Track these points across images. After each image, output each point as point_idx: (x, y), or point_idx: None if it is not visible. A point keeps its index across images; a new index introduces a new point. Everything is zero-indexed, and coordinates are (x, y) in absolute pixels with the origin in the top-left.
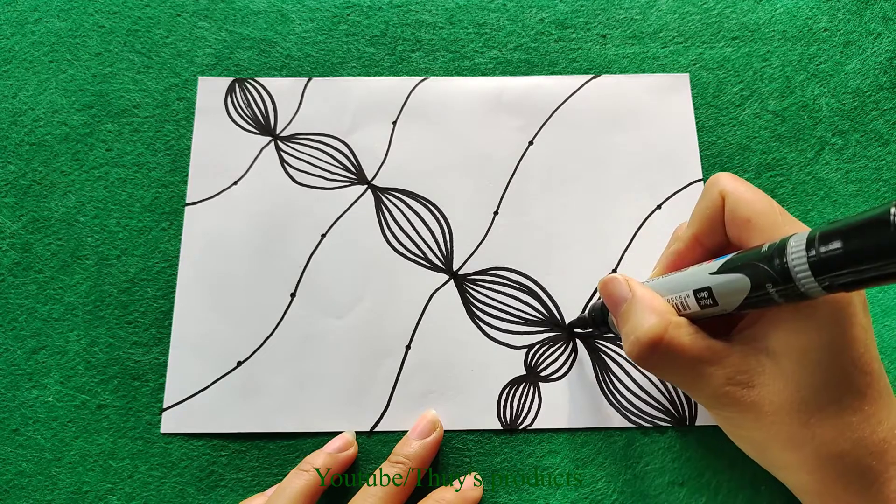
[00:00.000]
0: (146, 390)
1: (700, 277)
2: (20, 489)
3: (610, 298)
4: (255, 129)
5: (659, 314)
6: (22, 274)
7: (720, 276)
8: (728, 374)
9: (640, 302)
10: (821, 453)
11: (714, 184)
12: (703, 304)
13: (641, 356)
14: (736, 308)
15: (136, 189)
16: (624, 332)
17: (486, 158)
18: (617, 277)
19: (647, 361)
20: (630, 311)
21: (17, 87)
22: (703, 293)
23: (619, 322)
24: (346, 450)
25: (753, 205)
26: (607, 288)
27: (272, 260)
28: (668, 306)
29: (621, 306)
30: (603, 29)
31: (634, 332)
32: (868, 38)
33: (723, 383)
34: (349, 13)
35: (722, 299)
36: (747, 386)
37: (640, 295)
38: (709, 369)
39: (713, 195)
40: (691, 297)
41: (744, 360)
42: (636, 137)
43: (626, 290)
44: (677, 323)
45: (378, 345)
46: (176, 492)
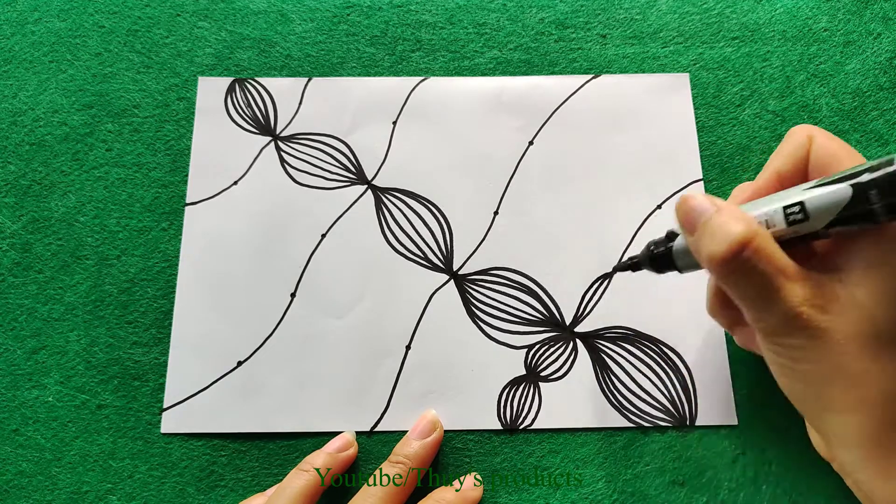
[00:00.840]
0: (146, 390)
1: (790, 194)
2: (20, 489)
3: (690, 213)
4: (255, 129)
5: (746, 222)
6: (22, 274)
7: (817, 189)
8: (807, 294)
9: (727, 212)
10: (885, 391)
11: (799, 129)
12: (791, 220)
13: (726, 259)
14: (826, 224)
15: (136, 189)
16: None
17: (486, 158)
18: (696, 194)
19: (730, 266)
20: (715, 220)
21: (17, 87)
22: (794, 207)
23: (701, 232)
24: (346, 450)
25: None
26: (687, 203)
27: (272, 260)
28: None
29: (703, 217)
30: (603, 29)
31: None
32: (868, 38)
33: (800, 302)
34: (349, 13)
35: (815, 213)
36: (823, 310)
37: (726, 207)
38: (789, 284)
39: (800, 137)
40: (779, 212)
41: (824, 283)
42: (636, 137)
43: (710, 205)
44: (765, 234)
45: (378, 345)
46: (176, 492)
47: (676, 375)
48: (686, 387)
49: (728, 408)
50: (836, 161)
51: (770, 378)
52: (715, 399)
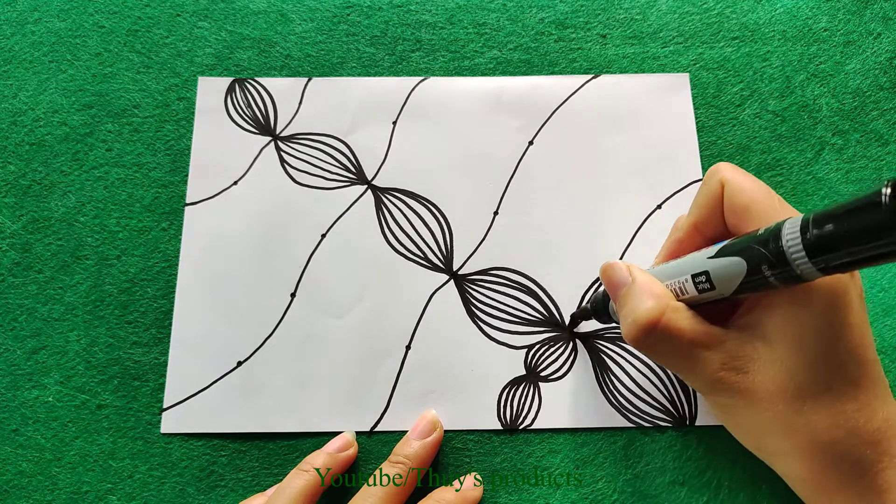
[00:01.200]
0: (146, 390)
1: (698, 262)
2: (20, 489)
3: (610, 283)
4: (255, 129)
5: (657, 298)
6: (22, 274)
7: (717, 260)
8: (723, 359)
9: (639, 286)
10: (814, 441)
11: (714, 173)
12: (700, 289)
13: (638, 338)
14: (733, 292)
15: (136, 189)
16: (622, 315)
17: (486, 158)
18: (618, 263)
19: (643, 344)
20: (629, 295)
21: (17, 87)
22: (700, 277)
23: (618, 305)
24: (346, 450)
25: (752, 193)
26: (608, 273)
27: (272, 260)
28: (667, 291)
29: (621, 290)
30: (603, 29)
31: (632, 313)
32: (868, 38)
33: (718, 368)
34: (349, 13)
35: (719, 283)
36: (742, 371)
37: (640, 279)
38: (704, 353)
39: (713, 184)
40: (689, 281)
41: (739, 345)
42: (636, 137)
43: (627, 275)
44: (675, 307)
45: (378, 345)
46: (176, 492)
47: (676, 375)
48: (686, 387)
49: None
50: (749, 211)
51: None
52: None
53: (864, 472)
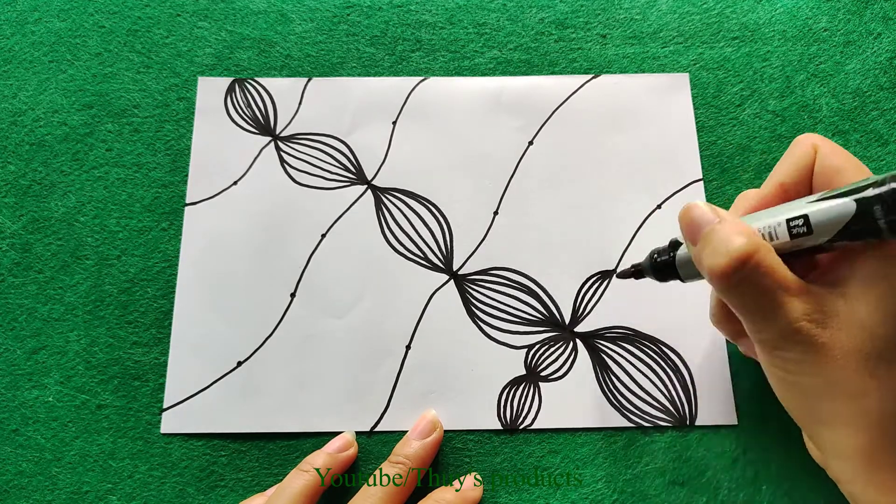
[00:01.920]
0: (146, 390)
1: (794, 207)
2: (20, 489)
3: (692, 223)
4: (255, 129)
5: (749, 235)
6: (22, 274)
7: (821, 203)
8: (806, 308)
9: (729, 224)
10: (881, 407)
11: (805, 138)
12: (794, 233)
13: (727, 272)
14: (829, 239)
15: (136, 189)
16: (708, 252)
17: (486, 158)
18: (700, 203)
19: (731, 279)
20: (716, 232)
21: (17, 87)
22: (797, 220)
23: (703, 243)
24: (346, 450)
25: (846, 157)
26: (690, 213)
27: (272, 260)
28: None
29: (705, 228)
30: (603, 29)
31: (724, 246)
32: (868, 38)
33: (799, 317)
34: (349, 13)
35: (819, 227)
36: (821, 325)
37: (729, 218)
38: (789, 298)
39: (805, 147)
40: (783, 225)
41: (822, 298)
42: (636, 137)
43: (713, 216)
44: (767, 246)
45: (378, 345)
46: (176, 492)
47: (676, 375)
48: (686, 387)
49: (728, 408)
50: (841, 173)
51: None
52: (715, 399)
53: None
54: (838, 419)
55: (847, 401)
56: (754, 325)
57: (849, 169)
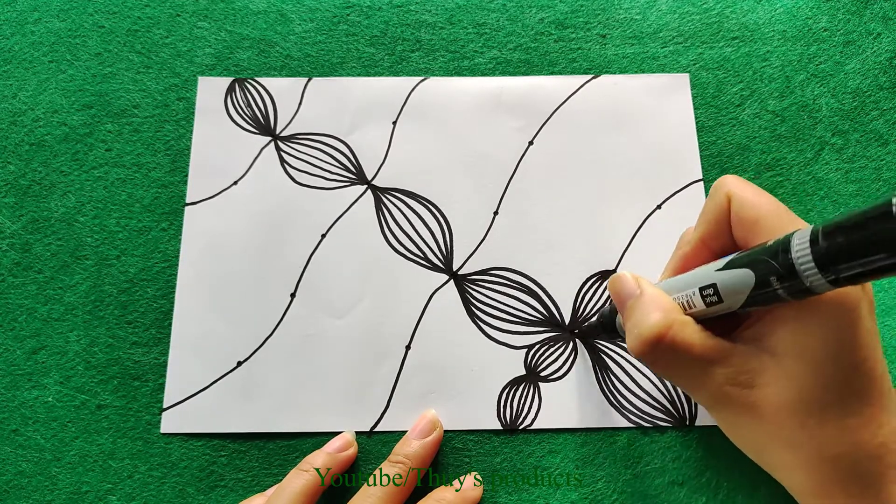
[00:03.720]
0: (146, 390)
1: (706, 275)
2: (20, 489)
3: (618, 295)
4: (254, 129)
5: (664, 311)
6: (22, 274)
7: (725, 272)
8: (729, 373)
9: (647, 298)
10: (820, 454)
11: (720, 186)
12: (708, 302)
13: (644, 352)
14: (741, 305)
15: (135, 189)
16: (628, 328)
17: (486, 158)
18: (626, 274)
19: (649, 358)
20: (635, 307)
21: (16, 88)
22: (708, 290)
23: (625, 318)
24: (345, 450)
25: (760, 206)
26: (615, 284)
27: (272, 260)
28: (675, 304)
29: (628, 302)
30: (603, 29)
31: (639, 326)
32: (868, 38)
33: (723, 382)
34: (349, 13)
35: (727, 296)
36: (748, 386)
37: (648, 292)
38: (710, 368)
39: (719, 197)
40: (697, 294)
41: (746, 359)
42: (636, 137)
43: (635, 287)
44: (682, 321)
45: (378, 345)
46: (176, 492)
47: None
48: None
49: None
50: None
51: None
52: None
53: (869, 485)
54: (783, 465)
55: (787, 451)
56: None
57: (765, 218)
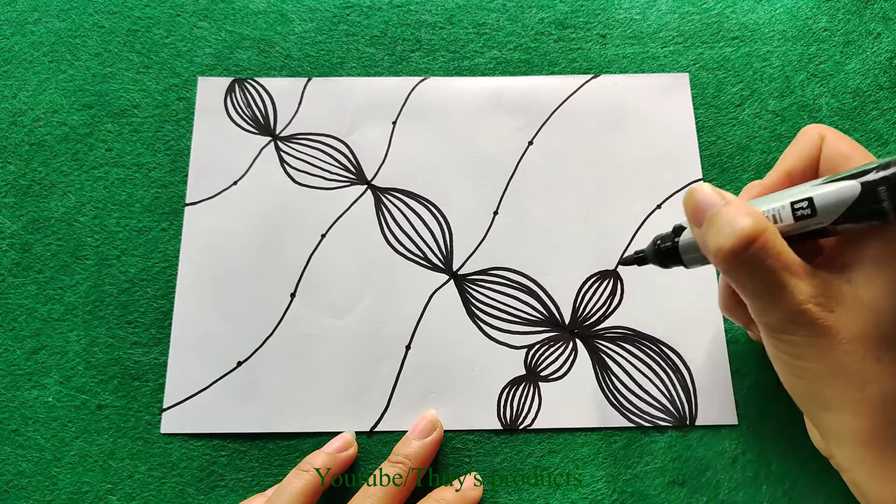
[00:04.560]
0: (146, 390)
1: (799, 190)
2: (20, 489)
3: (698, 206)
4: (254, 129)
5: (755, 216)
6: (22, 274)
7: (826, 186)
8: (813, 291)
9: (735, 205)
10: (886, 392)
11: (811, 128)
12: (798, 216)
13: (733, 252)
14: (833, 221)
15: (135, 189)
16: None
17: (486, 158)
18: (705, 186)
19: (736, 260)
20: (723, 213)
21: (16, 88)
22: (801, 203)
23: (708, 225)
24: (345, 450)
25: (852, 144)
26: (694, 195)
27: (272, 260)
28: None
29: (710, 211)
30: (603, 29)
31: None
32: (868, 38)
33: (806, 299)
34: (349, 13)
35: (823, 209)
36: (828, 308)
37: (734, 201)
38: (795, 281)
39: (811, 135)
40: (787, 208)
41: (827, 282)
42: (636, 137)
43: (718, 198)
44: (773, 228)
45: (378, 345)
46: (176, 492)
47: (676, 375)
48: (686, 387)
49: (728, 408)
50: (848, 161)
51: (770, 378)
52: (715, 399)
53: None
54: (842, 404)
55: (851, 386)
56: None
57: (855, 156)
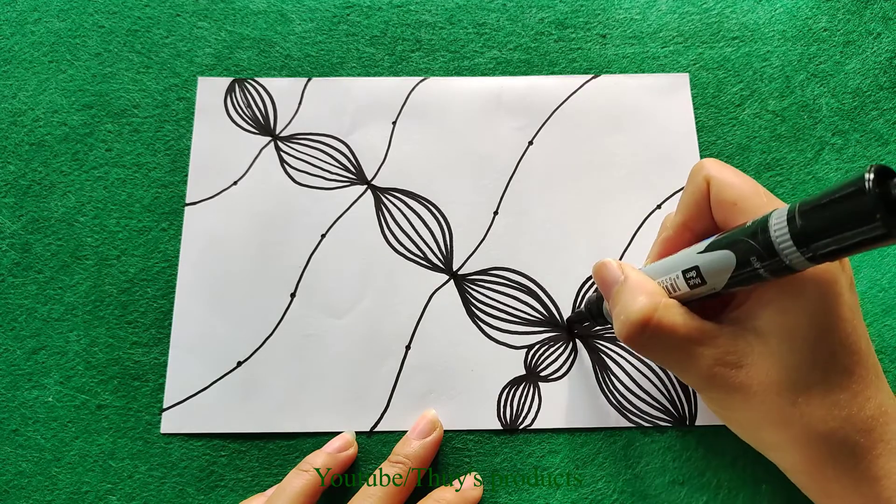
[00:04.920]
0: (146, 390)
1: (688, 258)
2: (20, 489)
3: (603, 282)
4: (254, 129)
5: (649, 295)
6: (22, 274)
7: (706, 255)
8: (717, 354)
9: (631, 283)
10: (809, 431)
11: (699, 170)
12: (692, 284)
13: (631, 336)
14: (724, 286)
15: (135, 189)
16: (615, 314)
17: (486, 158)
18: (610, 261)
19: (636, 342)
20: (621, 293)
21: (16, 88)
22: (691, 272)
23: (611, 304)
24: (345, 450)
25: (738, 188)
26: (600, 272)
27: (272, 260)
28: (659, 288)
29: (613, 288)
30: (603, 29)
31: (625, 311)
32: (868, 38)
33: (712, 364)
34: (349, 13)
35: (709, 277)
36: (736, 366)
37: (632, 277)
38: (698, 349)
39: (698, 181)
40: (680, 277)
41: (733, 340)
42: (636, 137)
43: (619, 273)
44: (667, 304)
45: (378, 345)
46: (176, 492)
47: (672, 373)
48: (686, 387)
49: None
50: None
51: None
52: None
53: (858, 460)
54: (776, 445)
55: (778, 429)
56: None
57: (744, 199)
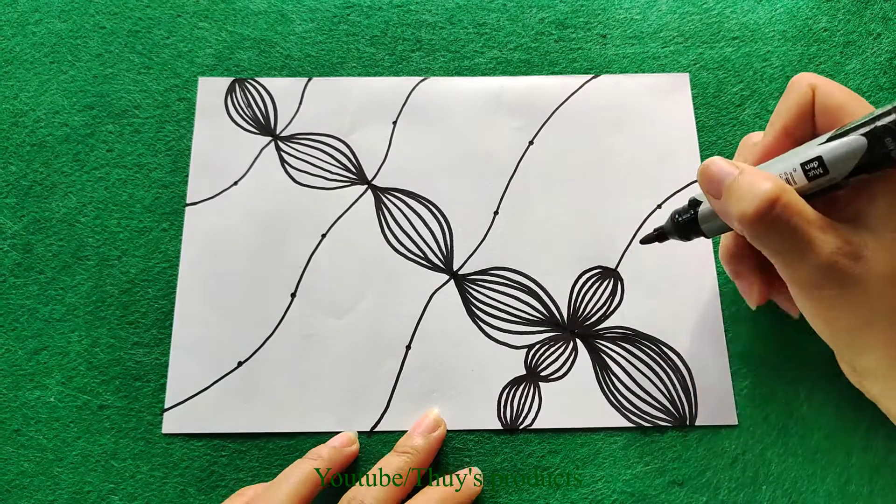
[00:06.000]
0: (147, 391)
1: (807, 151)
2: (22, 489)
3: (713, 178)
4: (255, 130)
5: (773, 180)
6: (23, 275)
7: (832, 143)
8: (839, 243)
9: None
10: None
11: (800, 80)
12: (811, 176)
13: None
14: (847, 174)
15: (136, 189)
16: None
17: (486, 158)
18: (718, 158)
19: (761, 223)
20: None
21: (17, 88)
22: (812, 163)
23: (727, 194)
24: (349, 446)
25: (844, 92)
26: (709, 169)
27: (272, 260)
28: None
29: (727, 181)
30: (603, 29)
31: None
32: (868, 39)
33: (833, 251)
34: (349, 13)
35: (834, 165)
36: (855, 257)
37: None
38: (821, 236)
39: (802, 87)
40: (798, 170)
41: (849, 232)
42: (636, 137)
43: (733, 168)
44: (791, 189)
45: (378, 345)
46: (177, 492)
47: (676, 375)
48: (686, 387)
49: (728, 408)
50: (844, 108)
51: (770, 378)
52: (715, 399)
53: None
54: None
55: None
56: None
57: (850, 103)
